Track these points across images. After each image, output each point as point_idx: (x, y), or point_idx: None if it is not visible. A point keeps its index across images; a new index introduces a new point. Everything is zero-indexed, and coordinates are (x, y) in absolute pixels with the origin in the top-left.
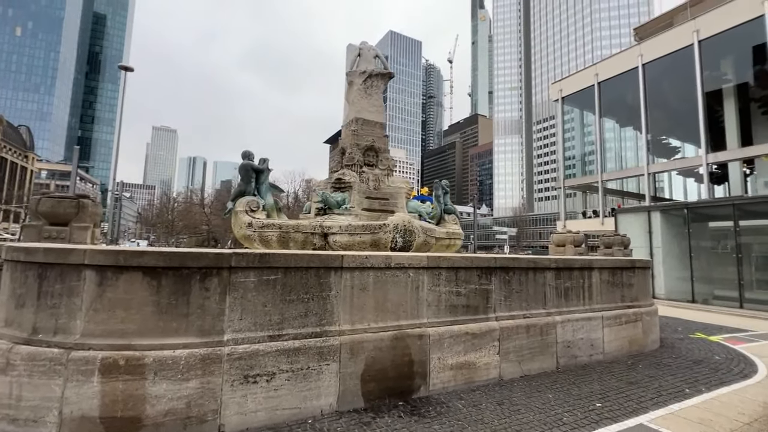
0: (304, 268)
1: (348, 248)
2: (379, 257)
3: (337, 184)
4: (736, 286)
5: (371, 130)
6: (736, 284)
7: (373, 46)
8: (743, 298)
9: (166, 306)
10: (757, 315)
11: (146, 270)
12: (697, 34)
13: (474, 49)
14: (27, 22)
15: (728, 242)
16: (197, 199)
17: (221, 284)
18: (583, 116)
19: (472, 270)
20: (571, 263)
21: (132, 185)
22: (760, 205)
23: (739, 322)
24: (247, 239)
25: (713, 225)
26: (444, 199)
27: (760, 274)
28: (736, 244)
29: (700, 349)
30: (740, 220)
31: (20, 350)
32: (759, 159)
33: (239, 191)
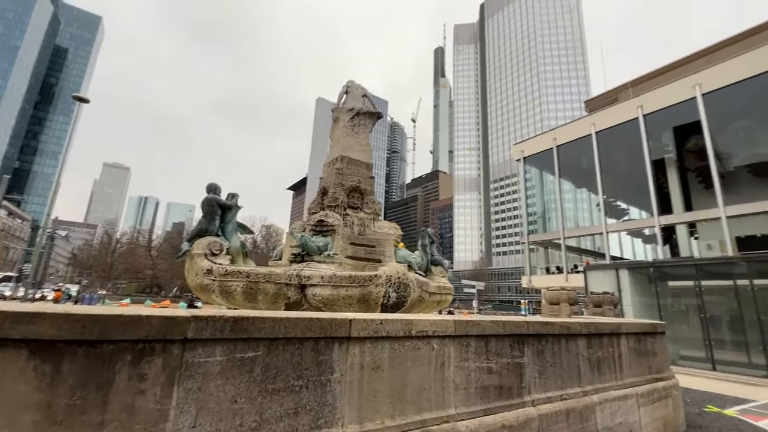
0: (298, 340)
1: (331, 303)
2: (397, 323)
3: (318, 227)
4: (704, 347)
5: (357, 170)
6: (704, 344)
7: (361, 85)
8: (714, 360)
9: (63, 409)
10: (738, 379)
11: (36, 347)
12: (642, 109)
13: (436, 111)
14: None
15: (692, 301)
16: (144, 241)
17: (167, 369)
18: (542, 176)
19: (504, 339)
20: (600, 328)
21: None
22: (720, 266)
23: (731, 389)
24: (204, 289)
25: (678, 284)
26: (431, 249)
27: (729, 335)
28: (701, 304)
29: (729, 429)
30: (703, 280)
31: None
32: (699, 223)
33: (199, 230)
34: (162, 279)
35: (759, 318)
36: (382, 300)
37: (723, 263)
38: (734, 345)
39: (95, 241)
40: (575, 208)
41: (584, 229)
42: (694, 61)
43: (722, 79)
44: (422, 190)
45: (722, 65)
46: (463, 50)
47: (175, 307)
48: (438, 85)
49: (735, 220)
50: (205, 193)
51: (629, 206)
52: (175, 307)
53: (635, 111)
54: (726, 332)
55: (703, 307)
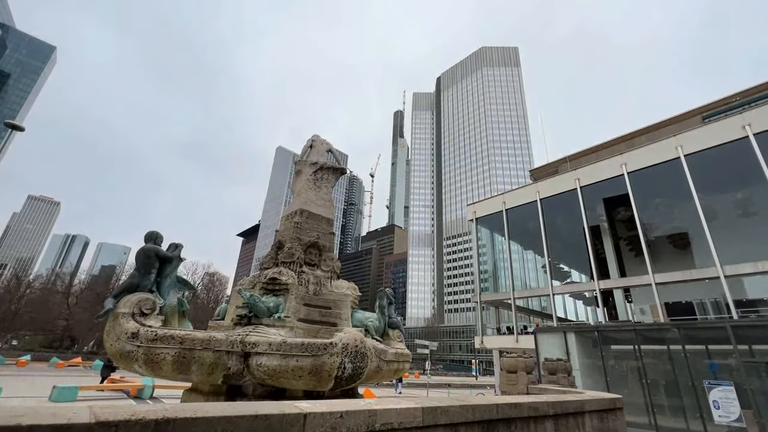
0: None
1: (277, 376)
2: (360, 415)
3: (270, 285)
4: (647, 413)
5: (316, 225)
6: (646, 410)
7: (326, 140)
8: (657, 427)
9: None
10: None
11: None
12: (579, 181)
13: (393, 168)
14: None
15: (633, 365)
16: (62, 286)
17: None
18: (493, 236)
19: (474, 426)
20: (566, 407)
21: None
22: (654, 331)
23: None
24: (126, 357)
25: (620, 348)
26: (388, 311)
27: (667, 401)
28: (642, 368)
29: None
30: (642, 345)
31: None
32: (633, 288)
33: (129, 284)
34: (77, 331)
35: (693, 383)
36: (336, 372)
37: (656, 329)
38: (673, 410)
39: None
40: (524, 268)
41: (532, 290)
42: (618, 144)
43: (641, 160)
44: (377, 243)
45: (640, 150)
46: (420, 115)
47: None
48: (397, 144)
49: (662, 287)
50: (143, 241)
51: (571, 269)
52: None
53: (573, 182)
54: (664, 398)
55: (644, 371)
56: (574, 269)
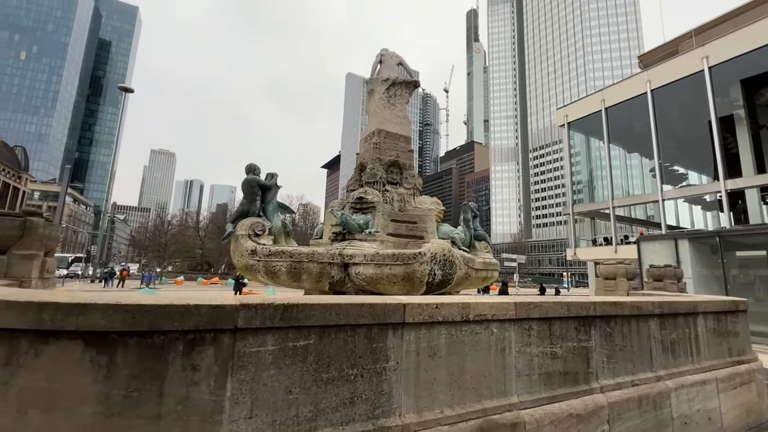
0: (350, 327)
1: (375, 282)
2: (454, 307)
3: (358, 204)
4: None
5: (395, 144)
6: None
7: (395, 53)
8: None
9: (121, 401)
10: None
11: (91, 338)
12: (707, 60)
13: (469, 79)
14: (32, 47)
15: (764, 272)
16: (192, 223)
17: (219, 359)
18: (589, 142)
19: (569, 321)
20: (675, 307)
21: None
22: None
23: None
24: (250, 270)
25: (747, 254)
26: (473, 224)
27: None
28: None
29: None
30: None
31: None
32: None
33: (241, 211)
34: (210, 257)
35: None
36: (427, 278)
37: None
38: None
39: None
40: (625, 176)
41: (636, 198)
42: None
43: None
44: (457, 162)
45: None
46: (498, 10)
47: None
48: (471, 50)
49: None
50: (245, 174)
51: (688, 171)
52: (223, 284)
53: (699, 62)
54: None
55: None
56: (692, 170)
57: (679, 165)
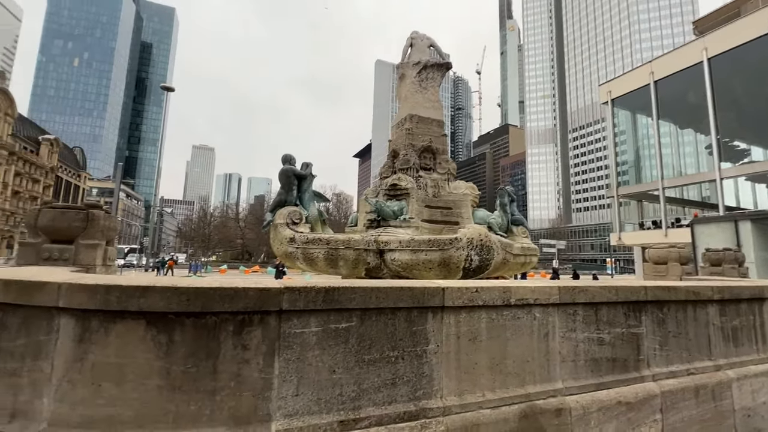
0: (390, 310)
1: (411, 268)
2: (494, 291)
3: (392, 191)
4: None
5: (427, 129)
6: None
7: (426, 35)
8: None
9: (180, 376)
10: None
11: (152, 318)
12: None
13: (503, 59)
14: (83, 53)
15: None
16: (232, 214)
17: (267, 339)
18: (635, 119)
19: (617, 306)
20: (737, 293)
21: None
22: None
23: None
24: (289, 257)
25: None
26: (511, 208)
27: None
28: None
29: None
30: None
31: None
32: None
33: (279, 201)
34: (250, 246)
35: None
36: (463, 264)
37: None
38: None
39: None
40: (677, 154)
41: (690, 177)
42: None
43: None
44: (491, 146)
45: None
46: None
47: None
48: (504, 29)
49: None
50: (281, 164)
51: (750, 146)
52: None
53: (766, 25)
54: None
55: None
56: (755, 146)
57: (741, 140)
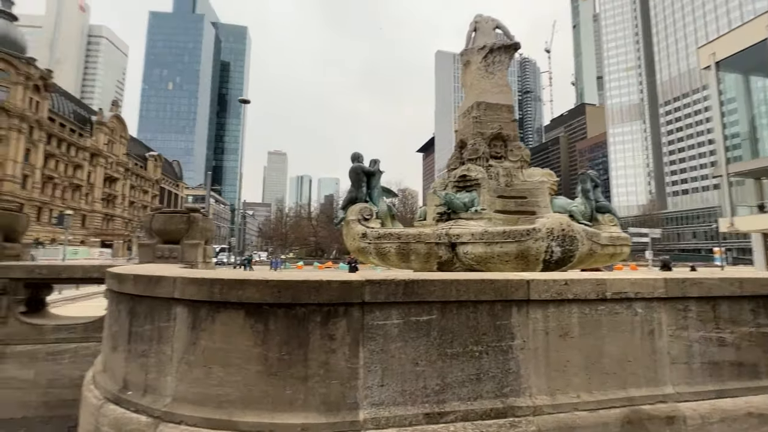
0: (472, 303)
1: (484, 261)
2: (587, 283)
3: (461, 183)
4: None
5: (496, 115)
6: None
7: (491, 17)
8: None
9: (276, 362)
10: None
11: (249, 309)
12: None
13: (576, 33)
14: (176, 77)
15: None
16: (305, 214)
17: (351, 330)
18: (748, 82)
19: (742, 301)
20: None
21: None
22: None
23: None
24: (362, 252)
25: None
26: (594, 194)
27: None
28: None
29: None
30: None
31: (108, 411)
32: None
33: (350, 198)
34: (323, 243)
35: None
36: (543, 256)
37: None
38: None
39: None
40: None
41: None
42: None
43: None
44: (565, 130)
45: None
46: None
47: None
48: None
49: None
50: (350, 162)
51: None
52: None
53: None
54: None
55: None
56: None
57: None
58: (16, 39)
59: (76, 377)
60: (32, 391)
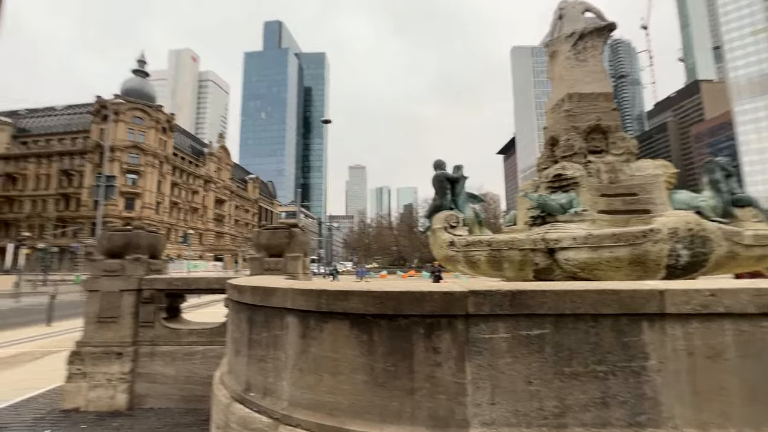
0: (591, 316)
1: (590, 268)
2: (742, 293)
3: (555, 183)
4: None
5: (592, 105)
6: None
7: (579, 0)
8: None
9: (381, 373)
10: None
11: (354, 319)
12: None
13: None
14: (267, 107)
15: None
16: (386, 224)
17: (456, 343)
18: None
19: None
20: None
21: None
22: None
23: None
24: (450, 260)
25: None
26: (728, 185)
27: None
28: None
29: None
30: None
31: (235, 409)
32: None
33: (435, 206)
34: (404, 252)
35: None
36: (666, 261)
37: None
38: None
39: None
40: None
41: None
42: None
43: None
44: (673, 113)
45: None
46: None
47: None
48: None
49: None
50: (432, 170)
51: None
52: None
53: None
54: None
55: None
56: None
57: None
58: (149, 92)
59: (204, 376)
60: (173, 386)
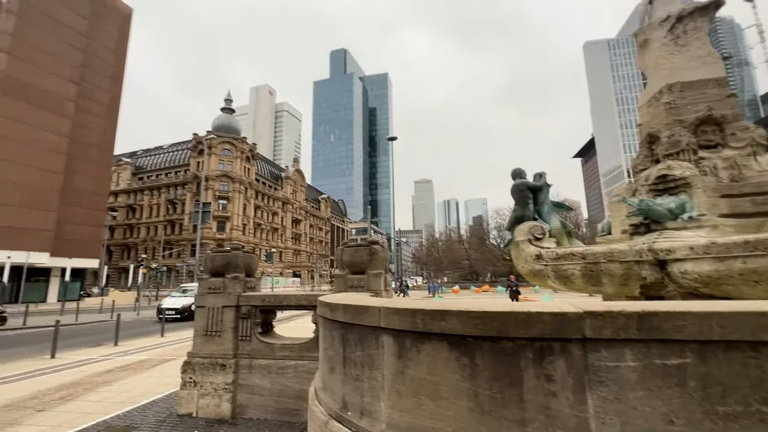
0: (748, 344)
1: (716, 283)
2: None
3: (660, 185)
4: None
5: (700, 94)
6: None
7: None
8: None
9: (487, 400)
10: None
11: (452, 340)
12: None
13: None
14: (335, 130)
15: None
16: (456, 237)
17: (572, 371)
18: None
19: None
20: None
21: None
22: None
23: None
24: (537, 275)
25: None
26: None
27: None
28: None
29: None
30: None
31: (333, 427)
32: None
33: (516, 217)
34: (476, 266)
35: None
36: None
37: None
38: None
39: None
40: None
41: None
42: None
43: None
44: None
45: None
46: None
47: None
48: None
49: None
50: (511, 179)
51: None
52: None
53: None
54: None
55: None
56: None
57: None
58: (234, 126)
59: (296, 390)
60: (269, 398)
